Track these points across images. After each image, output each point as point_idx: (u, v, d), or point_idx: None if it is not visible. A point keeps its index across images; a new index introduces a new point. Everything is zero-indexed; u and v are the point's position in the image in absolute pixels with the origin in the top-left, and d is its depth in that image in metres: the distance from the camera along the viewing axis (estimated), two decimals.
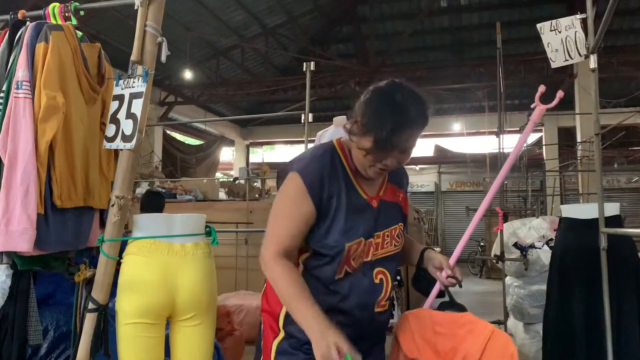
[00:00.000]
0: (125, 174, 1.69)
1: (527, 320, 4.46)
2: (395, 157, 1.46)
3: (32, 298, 1.91)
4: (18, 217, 1.64)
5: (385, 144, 1.41)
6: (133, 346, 1.68)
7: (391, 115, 1.40)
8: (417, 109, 1.44)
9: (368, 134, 1.42)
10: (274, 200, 1.55)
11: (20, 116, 1.69)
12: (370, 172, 1.50)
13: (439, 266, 1.63)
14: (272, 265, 1.43)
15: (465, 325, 1.52)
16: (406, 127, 1.42)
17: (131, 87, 1.75)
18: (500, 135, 4.86)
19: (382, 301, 1.56)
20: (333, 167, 1.50)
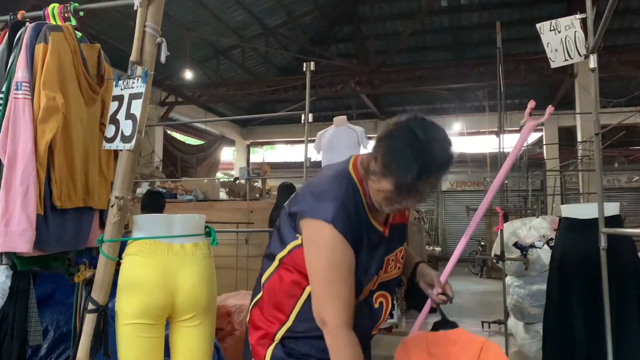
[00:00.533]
0: (124, 174, 1.69)
1: (528, 320, 4.46)
2: (416, 199, 1.42)
3: (32, 298, 1.91)
4: (17, 217, 1.64)
5: (409, 190, 1.37)
6: (133, 346, 1.68)
7: (415, 160, 1.32)
8: (443, 151, 1.36)
9: (390, 177, 1.37)
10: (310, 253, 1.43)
11: (20, 117, 1.69)
12: (387, 210, 1.46)
13: (430, 283, 1.63)
14: (344, 337, 1.38)
15: (457, 343, 1.53)
16: (432, 174, 1.36)
17: (130, 87, 1.74)
18: (501, 135, 4.85)
19: (381, 325, 1.58)
20: (356, 209, 1.44)
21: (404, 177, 1.33)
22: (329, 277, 1.39)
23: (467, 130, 13.80)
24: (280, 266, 1.52)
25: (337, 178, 1.47)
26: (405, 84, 12.21)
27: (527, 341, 4.42)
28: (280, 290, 1.52)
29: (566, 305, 2.34)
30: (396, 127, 1.40)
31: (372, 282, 1.52)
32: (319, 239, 1.39)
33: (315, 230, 1.40)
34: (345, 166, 1.51)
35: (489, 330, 5.84)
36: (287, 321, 1.51)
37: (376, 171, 1.40)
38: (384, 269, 1.55)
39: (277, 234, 1.56)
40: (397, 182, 1.35)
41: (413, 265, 1.69)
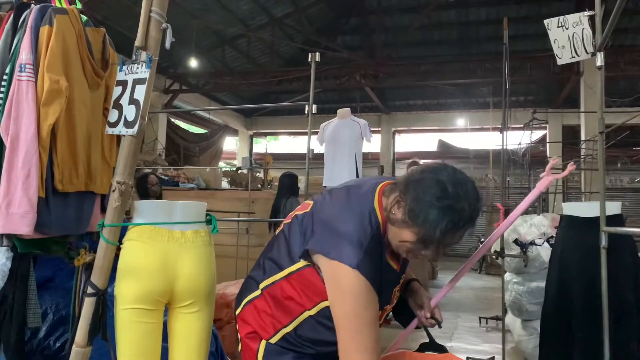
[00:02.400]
0: (127, 159, 1.68)
1: (525, 316, 4.47)
2: (438, 252, 1.38)
3: (31, 281, 1.92)
4: (19, 200, 1.65)
5: (433, 244, 1.34)
6: (131, 331, 1.69)
7: (444, 216, 1.29)
8: (471, 208, 1.32)
9: (414, 228, 1.33)
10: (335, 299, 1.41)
11: (23, 99, 1.69)
12: (403, 255, 1.45)
13: (420, 304, 1.62)
14: None
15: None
16: (458, 230, 1.33)
17: (135, 72, 1.74)
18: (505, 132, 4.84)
19: None
20: (379, 253, 1.41)
21: (430, 232, 1.31)
22: (354, 325, 1.37)
23: (470, 126, 13.77)
24: (286, 279, 1.51)
25: (363, 218, 1.41)
26: (411, 78, 12.16)
27: (524, 338, 4.43)
28: (282, 302, 1.52)
29: (565, 302, 2.34)
30: (425, 175, 1.36)
31: (379, 316, 1.51)
32: (344, 285, 1.36)
33: (340, 276, 1.36)
34: (371, 201, 1.45)
35: (486, 325, 5.86)
36: (284, 328, 1.52)
37: (399, 219, 1.36)
38: (391, 302, 1.57)
39: (285, 243, 1.54)
40: (422, 235, 1.32)
41: (407, 281, 1.68)
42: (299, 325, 1.50)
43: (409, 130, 15.57)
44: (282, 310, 1.52)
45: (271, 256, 1.58)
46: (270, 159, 12.34)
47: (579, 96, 10.52)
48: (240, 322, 1.63)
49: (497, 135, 6.38)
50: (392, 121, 15.22)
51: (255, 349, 1.55)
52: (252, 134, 17.21)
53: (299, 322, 1.50)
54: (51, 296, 2.43)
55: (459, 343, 5.06)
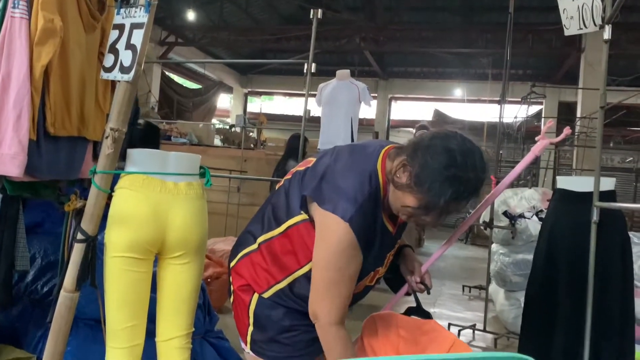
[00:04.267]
0: (121, 106, 1.64)
1: (509, 287, 4.54)
2: (439, 219, 1.39)
3: (20, 224, 1.91)
4: (9, 141, 1.61)
5: (435, 210, 1.35)
6: (120, 279, 1.69)
7: (450, 185, 1.29)
8: (478, 179, 1.33)
9: (418, 194, 1.33)
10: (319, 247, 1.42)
11: (16, 37, 1.63)
12: (402, 218, 1.45)
13: (411, 269, 1.63)
14: (335, 333, 1.40)
15: (428, 333, 1.52)
16: (462, 199, 1.34)
17: (132, 16, 1.68)
18: (502, 104, 4.81)
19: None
20: (374, 212, 1.42)
21: (434, 200, 1.31)
22: (332, 276, 1.40)
23: (467, 97, 13.70)
24: (284, 234, 1.51)
25: (364, 177, 1.41)
26: (411, 44, 11.99)
27: (506, 307, 4.52)
28: (278, 258, 1.53)
29: (551, 274, 2.37)
30: (434, 141, 1.35)
31: (371, 277, 1.54)
32: (332, 236, 1.37)
33: (330, 226, 1.37)
34: (374, 161, 1.44)
35: (469, 294, 5.96)
36: (277, 284, 1.53)
37: (404, 184, 1.35)
38: (384, 265, 1.57)
39: (285, 198, 1.54)
40: (426, 202, 1.33)
41: (399, 247, 1.69)
42: (292, 282, 1.51)
43: (406, 98, 15.46)
44: (277, 266, 1.52)
45: (270, 211, 1.58)
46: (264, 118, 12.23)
47: (578, 73, 10.45)
48: (234, 274, 1.63)
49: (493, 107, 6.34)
50: (390, 87, 15.09)
51: (247, 301, 1.56)
52: (247, 92, 17.01)
53: (292, 279, 1.51)
54: (40, 241, 2.42)
55: (442, 309, 5.15)
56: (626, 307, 2.31)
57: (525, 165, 1.81)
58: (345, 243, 1.36)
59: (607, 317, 2.22)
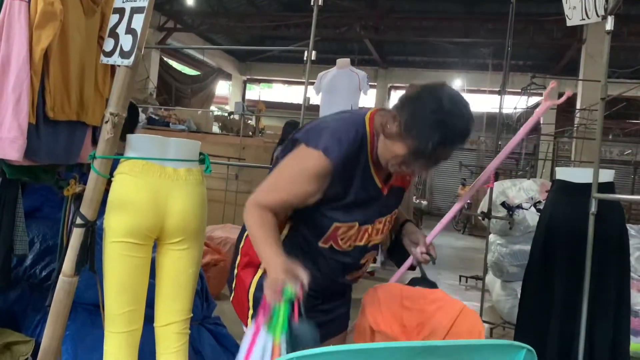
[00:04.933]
0: (121, 91, 1.63)
1: (506, 277, 4.57)
2: (426, 166, 1.44)
3: (19, 208, 1.90)
4: (9, 124, 1.60)
5: (423, 157, 1.37)
6: (118, 264, 1.69)
7: (437, 129, 1.32)
8: (464, 125, 1.37)
9: (407, 141, 1.36)
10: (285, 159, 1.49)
11: (15, 20, 1.62)
12: (392, 169, 1.46)
13: (415, 241, 1.63)
14: (251, 210, 1.43)
15: (435, 302, 1.53)
16: (449, 145, 1.37)
17: (133, 0, 1.67)
18: (503, 95, 4.81)
19: (357, 274, 1.60)
20: (357, 156, 1.44)
21: (422, 144, 1.33)
22: (280, 179, 1.47)
23: (467, 87, 13.66)
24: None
25: (348, 122, 1.47)
26: (411, 33, 11.94)
27: (503, 298, 4.54)
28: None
29: (548, 265, 2.38)
30: (423, 91, 1.39)
31: (357, 234, 1.50)
32: (306, 159, 1.41)
33: (308, 153, 1.41)
34: (362, 115, 1.49)
35: (465, 284, 5.99)
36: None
37: (393, 132, 1.38)
38: (381, 230, 1.55)
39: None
40: (414, 147, 1.35)
41: (401, 222, 1.70)
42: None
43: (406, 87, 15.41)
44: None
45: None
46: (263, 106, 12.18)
47: (579, 64, 10.42)
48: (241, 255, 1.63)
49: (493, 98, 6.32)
50: (389, 76, 15.03)
51: (247, 284, 1.57)
52: (245, 79, 16.93)
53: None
54: (38, 226, 2.42)
55: None
56: (622, 298, 2.33)
57: (528, 129, 1.82)
58: (313, 166, 1.39)
59: (603, 309, 2.23)
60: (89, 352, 2.16)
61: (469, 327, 1.46)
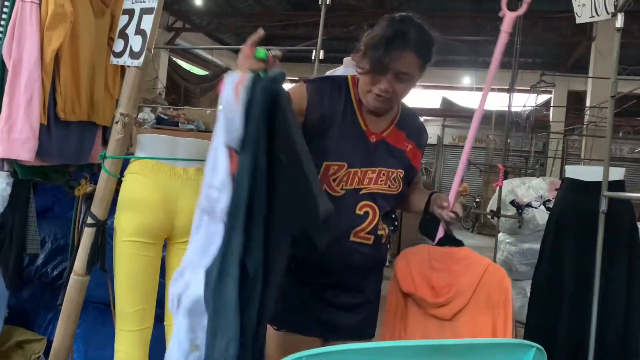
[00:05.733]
0: (131, 91, 1.65)
1: (515, 276, 4.54)
2: (390, 82, 1.47)
3: (31, 208, 1.93)
4: (21, 125, 1.62)
5: (381, 63, 1.43)
6: (129, 264, 1.71)
7: (390, 36, 1.43)
8: (419, 35, 1.46)
9: (367, 53, 1.46)
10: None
11: (27, 22, 1.64)
12: (369, 99, 1.52)
13: (440, 204, 1.62)
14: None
15: (461, 261, 1.53)
16: (402, 49, 1.43)
17: (142, 1, 1.68)
18: (511, 93, 4.78)
19: (362, 233, 1.54)
20: (339, 90, 1.56)
21: (376, 50, 1.43)
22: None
23: (475, 85, 13.60)
24: None
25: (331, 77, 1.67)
26: None
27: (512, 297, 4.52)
28: None
29: (558, 263, 2.37)
30: (384, 17, 1.52)
31: (348, 177, 1.51)
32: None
33: (290, 87, 1.51)
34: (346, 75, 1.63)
35: None
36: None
37: (359, 54, 1.50)
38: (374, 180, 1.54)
39: None
40: (372, 56, 1.44)
41: (427, 196, 1.68)
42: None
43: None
44: None
45: None
46: None
47: (588, 62, 10.34)
48: None
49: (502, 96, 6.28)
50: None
51: None
52: None
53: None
54: (49, 225, 2.45)
55: None
56: (632, 298, 2.31)
57: (500, 53, 1.74)
58: (293, 91, 1.50)
59: (613, 308, 2.22)
60: (100, 350, 2.18)
61: (496, 284, 1.47)
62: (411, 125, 1.67)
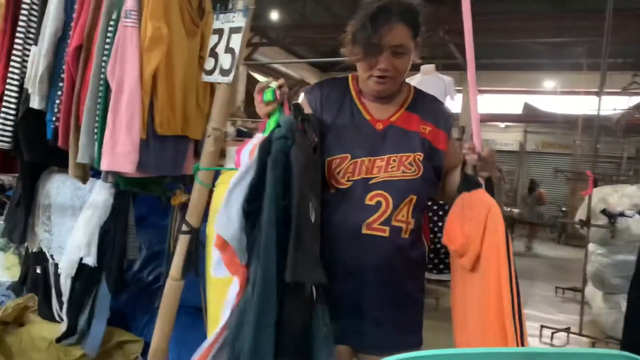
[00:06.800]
0: (222, 107, 1.75)
1: (608, 289, 4.29)
2: (387, 59, 1.46)
3: (131, 216, 2.08)
4: (123, 140, 1.75)
5: (372, 43, 1.44)
6: None
7: (374, 14, 1.44)
8: (402, 6, 1.46)
9: (356, 38, 1.48)
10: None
11: (128, 45, 1.77)
12: (371, 84, 1.52)
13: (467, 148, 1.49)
14: None
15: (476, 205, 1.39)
16: (389, 22, 1.43)
17: (231, 21, 1.78)
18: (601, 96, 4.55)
19: (375, 224, 1.47)
20: (338, 89, 1.60)
21: (362, 33, 1.45)
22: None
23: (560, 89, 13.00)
24: None
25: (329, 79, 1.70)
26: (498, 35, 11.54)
27: (605, 311, 4.27)
28: None
29: None
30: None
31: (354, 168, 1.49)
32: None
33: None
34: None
35: (562, 296, 5.69)
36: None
37: (349, 45, 1.53)
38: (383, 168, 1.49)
39: None
40: (359, 40, 1.46)
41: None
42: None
43: (493, 91, 14.88)
44: None
45: None
46: None
47: None
48: None
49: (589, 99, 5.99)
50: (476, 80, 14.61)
51: None
52: None
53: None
54: (145, 233, 2.60)
55: (532, 311, 4.96)
56: None
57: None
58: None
59: None
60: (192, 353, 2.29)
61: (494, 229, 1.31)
62: (426, 107, 1.60)
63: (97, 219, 2.08)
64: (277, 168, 1.28)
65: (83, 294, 2.18)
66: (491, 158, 1.42)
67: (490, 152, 1.42)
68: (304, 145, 1.36)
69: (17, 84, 2.00)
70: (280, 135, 1.33)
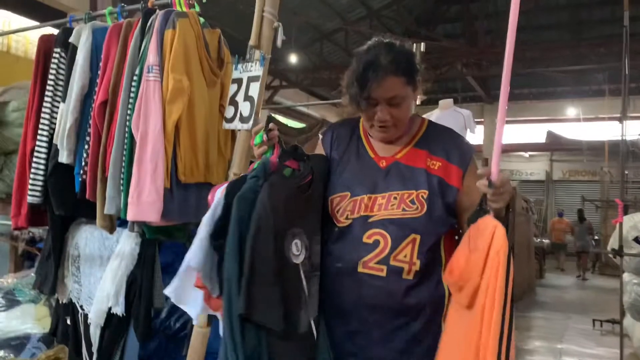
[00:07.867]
0: (242, 153, 1.78)
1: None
2: (384, 110, 1.45)
3: (157, 264, 2.10)
4: (148, 190, 1.80)
5: (363, 99, 1.44)
6: None
7: (361, 71, 1.42)
8: (389, 56, 1.43)
9: (349, 94, 1.48)
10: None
11: (151, 98, 1.84)
12: (375, 133, 1.53)
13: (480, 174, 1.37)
14: None
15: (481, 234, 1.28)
16: (376, 78, 1.41)
17: (249, 71, 1.83)
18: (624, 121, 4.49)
19: (371, 263, 1.41)
20: (348, 128, 1.62)
21: (352, 88, 1.45)
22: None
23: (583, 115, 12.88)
24: None
25: (344, 120, 1.71)
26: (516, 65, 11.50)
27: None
28: None
29: None
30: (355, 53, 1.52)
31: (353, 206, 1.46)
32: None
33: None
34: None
35: (600, 329, 5.49)
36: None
37: (345, 98, 1.53)
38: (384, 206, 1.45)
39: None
40: (351, 95, 1.47)
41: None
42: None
43: (515, 121, 14.83)
44: None
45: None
46: None
47: None
48: None
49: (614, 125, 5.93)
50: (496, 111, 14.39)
51: None
52: None
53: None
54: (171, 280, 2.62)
55: (570, 345, 4.80)
56: None
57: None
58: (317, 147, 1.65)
59: None
60: None
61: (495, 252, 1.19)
62: (438, 142, 1.53)
63: (124, 268, 2.11)
64: (242, 204, 1.33)
65: (112, 344, 2.19)
66: (504, 187, 1.26)
67: (503, 181, 1.25)
68: (278, 183, 1.39)
69: (47, 140, 2.09)
70: (252, 175, 1.40)
